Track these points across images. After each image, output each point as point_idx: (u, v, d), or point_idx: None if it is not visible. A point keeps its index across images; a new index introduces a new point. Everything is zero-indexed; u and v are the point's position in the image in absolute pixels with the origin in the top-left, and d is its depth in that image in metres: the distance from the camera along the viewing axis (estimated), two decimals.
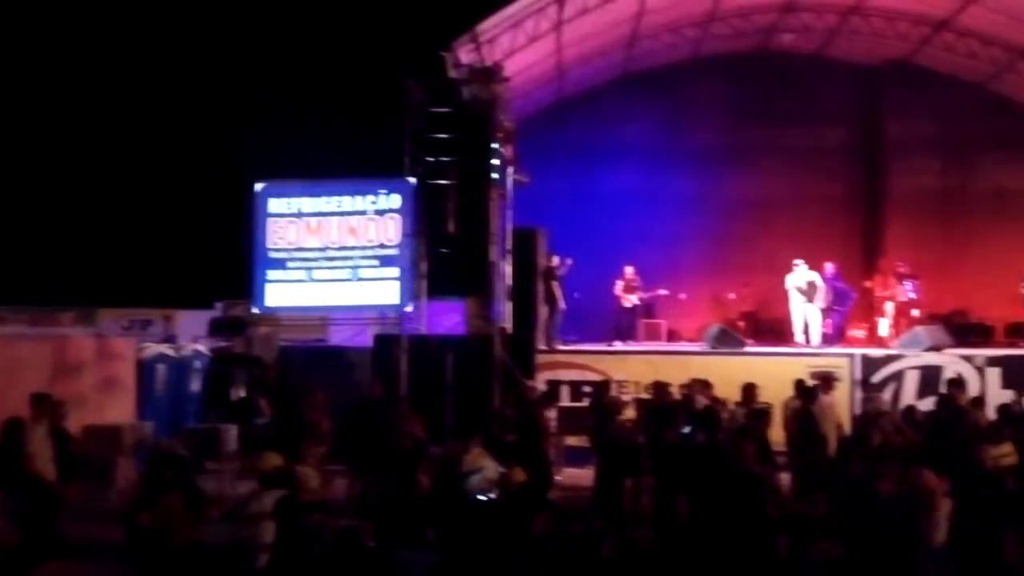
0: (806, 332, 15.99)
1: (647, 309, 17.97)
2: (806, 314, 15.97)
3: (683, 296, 17.79)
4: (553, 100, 18.86)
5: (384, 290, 13.80)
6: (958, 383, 12.06)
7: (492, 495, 7.72)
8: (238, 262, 14.52)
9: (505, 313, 14.21)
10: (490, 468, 7.74)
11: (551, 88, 18.14)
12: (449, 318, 14.66)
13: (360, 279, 13.96)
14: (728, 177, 19.30)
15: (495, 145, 13.87)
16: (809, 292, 15.88)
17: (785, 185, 19.10)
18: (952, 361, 14.02)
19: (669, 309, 18.07)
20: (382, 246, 13.84)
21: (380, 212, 13.96)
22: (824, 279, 16.04)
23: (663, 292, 17.14)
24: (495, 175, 13.81)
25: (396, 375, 12.76)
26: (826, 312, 16.11)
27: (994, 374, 13.83)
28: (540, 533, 5.17)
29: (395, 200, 13.85)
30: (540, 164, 17.72)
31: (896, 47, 18.30)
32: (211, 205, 19.91)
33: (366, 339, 13.97)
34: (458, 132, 13.42)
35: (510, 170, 14.50)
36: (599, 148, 19.34)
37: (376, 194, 14.03)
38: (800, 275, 16.00)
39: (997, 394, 13.07)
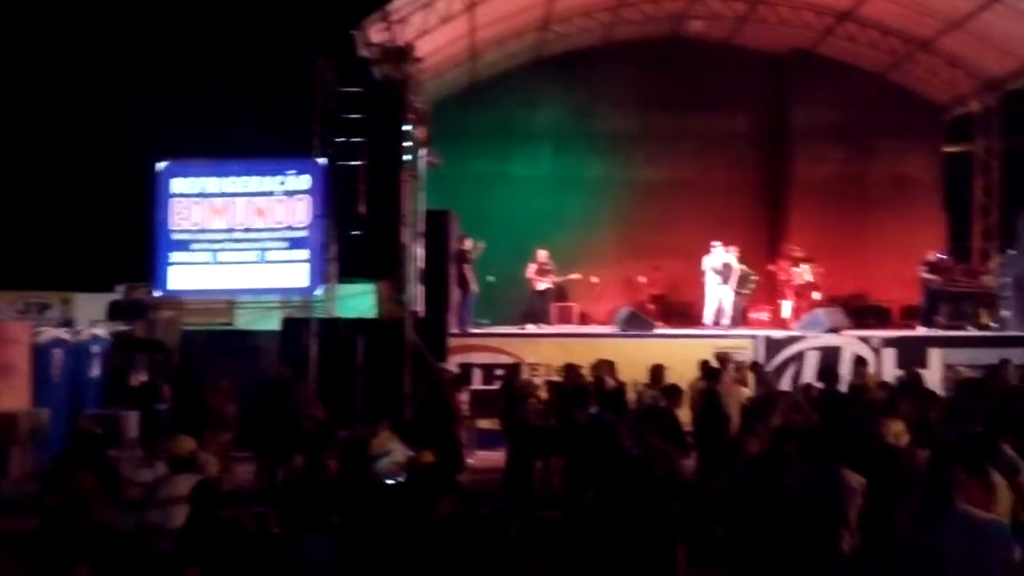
0: (718, 313, 16.32)
1: (559, 292, 18.11)
2: (720, 296, 16.30)
3: (595, 280, 17.97)
4: (467, 82, 18.75)
5: (293, 273, 13.60)
6: (863, 362, 12.55)
7: (400, 479, 7.69)
8: (139, 244, 14.09)
9: (417, 296, 14.13)
10: (398, 451, 7.70)
11: (464, 69, 18.03)
12: (360, 301, 14.50)
13: (268, 261, 13.72)
14: (640, 161, 19.54)
15: (407, 126, 13.74)
16: (724, 273, 16.20)
17: (695, 170, 19.41)
18: (850, 342, 14.51)
19: (581, 292, 18.24)
20: (290, 228, 13.62)
21: (289, 193, 13.72)
22: None
23: (575, 276, 17.28)
24: (407, 156, 13.69)
25: (305, 359, 12.58)
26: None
27: (889, 354, 14.37)
28: (445, 516, 5.16)
29: (304, 181, 13.62)
30: (454, 146, 17.61)
31: (801, 36, 18.75)
32: (111, 184, 19.22)
33: (274, 323, 13.73)
34: (369, 112, 13.23)
35: (422, 152, 14.38)
36: (513, 131, 19.34)
37: (284, 175, 13.78)
38: (717, 256, 16.30)
39: (892, 373, 13.57)
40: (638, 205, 19.34)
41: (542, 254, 16.72)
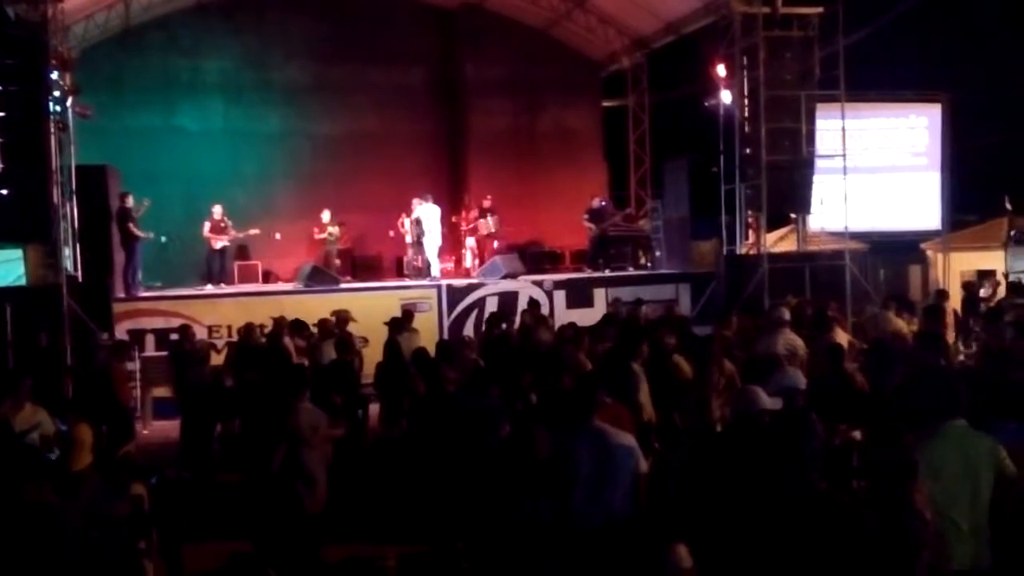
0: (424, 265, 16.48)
1: (241, 250, 17.50)
2: (424, 248, 16.42)
3: (278, 236, 17.50)
4: (121, 26, 17.18)
5: None
6: (535, 304, 13.39)
7: (53, 455, 7.08)
8: None
9: (75, 259, 12.97)
10: (47, 424, 7.06)
11: (116, 12, 16.49)
12: (7, 268, 13.04)
13: None
14: (318, 115, 19.19)
15: (53, 75, 12.45)
16: (420, 227, 16.32)
17: (375, 123, 19.36)
18: (525, 286, 15.33)
19: (264, 249, 17.73)
20: None
21: None
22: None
23: (255, 232, 16.72)
24: (53, 107, 12.40)
25: None
26: (416, 246, 16.81)
27: (560, 296, 15.36)
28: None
29: None
30: (112, 96, 16.35)
31: None
32: None
33: None
34: (4, 58, 11.78)
35: (71, 101, 13.11)
36: (179, 81, 18.21)
37: None
38: (415, 211, 16.44)
39: (564, 313, 14.53)
40: (319, 159, 19.02)
41: (217, 210, 16.01)
